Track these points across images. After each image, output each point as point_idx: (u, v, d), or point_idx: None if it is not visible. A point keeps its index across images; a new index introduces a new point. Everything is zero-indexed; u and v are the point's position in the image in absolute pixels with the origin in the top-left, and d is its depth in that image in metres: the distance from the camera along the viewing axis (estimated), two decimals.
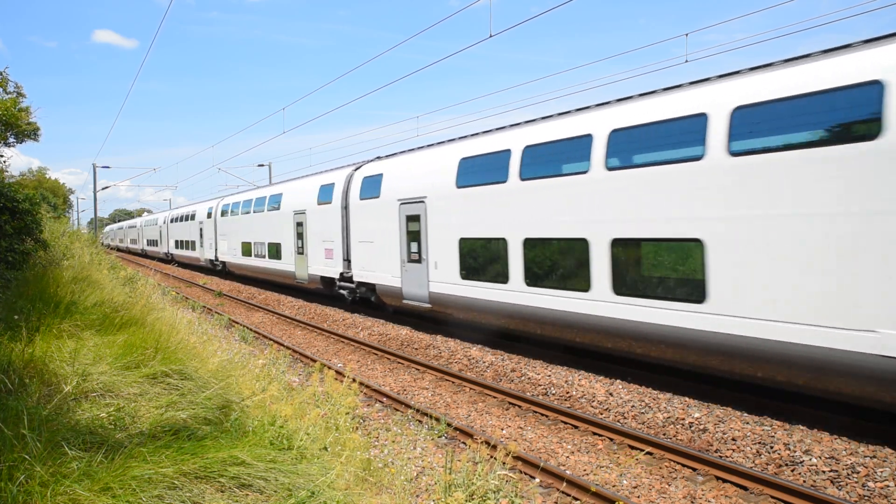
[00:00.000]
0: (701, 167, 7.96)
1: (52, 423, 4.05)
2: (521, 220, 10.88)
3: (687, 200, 8.14)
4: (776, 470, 6.49)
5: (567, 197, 9.91)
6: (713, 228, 7.82)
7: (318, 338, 15.19)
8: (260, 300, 22.39)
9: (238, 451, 4.00)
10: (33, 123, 12.96)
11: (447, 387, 10.24)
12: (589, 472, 6.74)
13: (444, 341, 13.17)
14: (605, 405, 8.68)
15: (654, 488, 6.28)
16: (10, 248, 8.91)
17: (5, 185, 9.80)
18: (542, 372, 10.31)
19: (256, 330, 15.82)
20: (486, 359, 11.47)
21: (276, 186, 24.12)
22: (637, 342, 8.98)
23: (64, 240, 15.68)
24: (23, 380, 4.80)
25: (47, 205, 24.30)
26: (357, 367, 11.69)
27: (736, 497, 6.02)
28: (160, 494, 3.38)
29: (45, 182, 44.62)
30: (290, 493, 3.75)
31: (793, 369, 7.15)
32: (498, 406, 9.13)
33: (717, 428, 7.42)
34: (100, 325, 7.36)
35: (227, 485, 3.70)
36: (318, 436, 5.31)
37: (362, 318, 16.67)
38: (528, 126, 11.25)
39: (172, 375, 5.47)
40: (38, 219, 9.85)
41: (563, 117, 10.57)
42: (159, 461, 3.62)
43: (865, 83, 6.49)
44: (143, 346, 6.12)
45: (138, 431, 4.23)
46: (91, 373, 5.17)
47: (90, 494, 3.25)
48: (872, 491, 5.87)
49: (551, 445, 7.52)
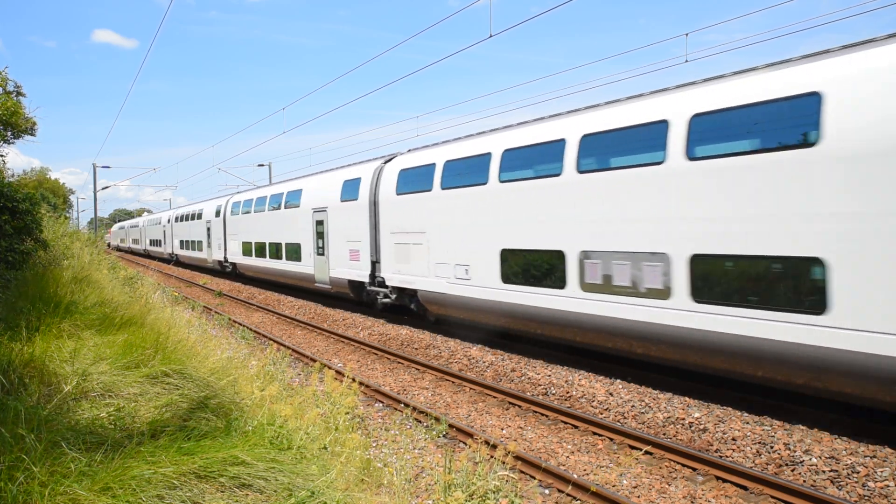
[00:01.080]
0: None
1: (51, 422, 4.05)
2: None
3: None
4: (776, 470, 6.49)
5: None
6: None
7: (317, 338, 15.19)
8: (260, 300, 22.38)
9: (238, 450, 4.00)
10: (30, 119, 12.93)
11: (447, 387, 10.24)
12: (589, 471, 6.73)
13: (444, 341, 13.17)
14: (605, 405, 8.68)
15: (654, 488, 6.27)
16: (10, 248, 8.91)
17: (5, 185, 9.80)
18: (543, 372, 10.31)
19: (256, 330, 15.82)
20: (486, 359, 11.47)
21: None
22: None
23: (64, 240, 15.68)
24: (23, 380, 4.80)
25: (47, 205, 24.30)
26: (357, 367, 11.68)
27: (736, 497, 6.02)
28: (160, 494, 3.38)
29: (45, 182, 44.66)
30: (290, 493, 3.75)
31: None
32: (498, 406, 9.13)
33: (717, 428, 7.41)
34: (100, 324, 7.36)
35: (227, 484, 3.70)
36: (318, 435, 5.31)
37: (362, 318, 16.66)
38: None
39: (172, 375, 5.47)
40: (37, 219, 9.85)
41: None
42: (159, 461, 3.62)
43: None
44: (142, 345, 6.12)
45: (138, 431, 4.23)
46: (91, 373, 5.17)
47: (90, 494, 3.25)
48: (872, 491, 5.87)
49: (551, 445, 7.52)
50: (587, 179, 9.71)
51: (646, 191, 8.70)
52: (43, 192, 33.06)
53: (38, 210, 10.24)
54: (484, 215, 11.88)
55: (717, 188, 7.81)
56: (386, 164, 16.04)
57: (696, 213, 8.07)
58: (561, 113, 10.96)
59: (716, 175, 7.82)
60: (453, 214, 12.76)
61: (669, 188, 8.36)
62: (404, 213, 14.58)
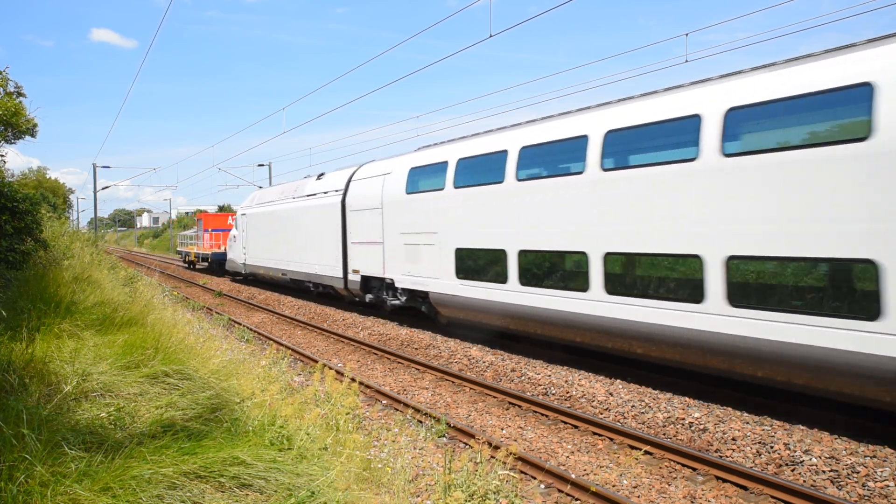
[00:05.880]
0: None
1: (52, 422, 4.05)
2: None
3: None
4: (776, 470, 6.49)
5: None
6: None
7: (318, 338, 15.19)
8: (260, 300, 22.39)
9: (238, 450, 4.00)
10: (31, 120, 12.90)
11: (447, 387, 10.24)
12: (589, 471, 6.73)
13: (443, 341, 13.17)
14: (605, 405, 8.68)
15: (654, 488, 6.28)
16: (11, 248, 8.90)
17: (5, 185, 9.79)
18: (542, 372, 10.31)
19: (257, 330, 15.82)
20: (486, 359, 11.47)
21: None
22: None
23: (64, 240, 15.68)
24: (23, 380, 4.80)
25: (47, 205, 24.27)
26: (357, 367, 11.69)
27: (736, 497, 6.02)
28: (160, 494, 3.38)
29: (45, 182, 44.56)
30: (290, 493, 3.76)
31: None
32: (498, 406, 9.13)
33: (717, 428, 7.41)
34: (100, 324, 7.36)
35: (227, 485, 3.70)
36: (319, 436, 5.31)
37: (362, 318, 16.66)
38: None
39: (172, 375, 5.47)
40: (38, 219, 9.84)
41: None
42: (159, 461, 3.62)
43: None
44: (143, 345, 6.12)
45: (138, 431, 4.23)
46: (91, 373, 5.18)
47: (90, 494, 3.25)
48: (872, 491, 5.87)
49: (551, 445, 7.52)
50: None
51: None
52: (43, 192, 32.99)
53: (38, 210, 10.23)
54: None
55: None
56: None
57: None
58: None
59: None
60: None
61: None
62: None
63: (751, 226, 7.48)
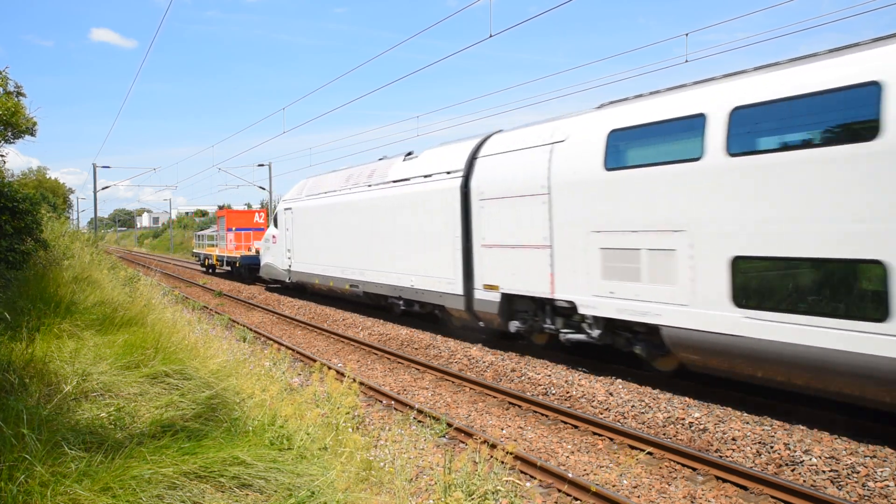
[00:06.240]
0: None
1: (52, 422, 4.05)
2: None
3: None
4: (776, 470, 6.49)
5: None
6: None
7: (318, 337, 15.20)
8: (260, 300, 22.40)
9: (238, 450, 4.00)
10: (31, 119, 12.89)
11: (447, 387, 10.24)
12: (589, 471, 6.74)
13: (443, 341, 13.17)
14: (605, 405, 8.68)
15: (654, 488, 6.28)
16: (11, 248, 8.90)
17: (5, 185, 9.79)
18: (542, 372, 10.31)
19: (256, 330, 15.82)
20: (486, 359, 11.46)
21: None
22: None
23: (64, 240, 15.68)
24: (23, 379, 4.79)
25: (47, 205, 24.26)
26: (357, 367, 11.69)
27: (736, 497, 6.02)
28: (160, 494, 3.38)
29: (45, 182, 44.56)
30: (290, 493, 3.75)
31: None
32: (498, 406, 9.13)
33: (717, 428, 7.41)
34: (100, 324, 7.36)
35: (227, 485, 3.70)
36: (319, 436, 5.31)
37: (362, 318, 16.67)
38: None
39: (173, 375, 5.47)
40: (38, 219, 9.83)
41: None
42: (159, 461, 3.62)
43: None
44: (143, 345, 6.12)
45: (138, 431, 4.23)
46: (91, 372, 5.17)
47: (90, 494, 3.25)
48: (872, 491, 5.87)
49: (551, 445, 7.53)
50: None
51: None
52: (43, 192, 32.96)
53: (38, 210, 10.23)
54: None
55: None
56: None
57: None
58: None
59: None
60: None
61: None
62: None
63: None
